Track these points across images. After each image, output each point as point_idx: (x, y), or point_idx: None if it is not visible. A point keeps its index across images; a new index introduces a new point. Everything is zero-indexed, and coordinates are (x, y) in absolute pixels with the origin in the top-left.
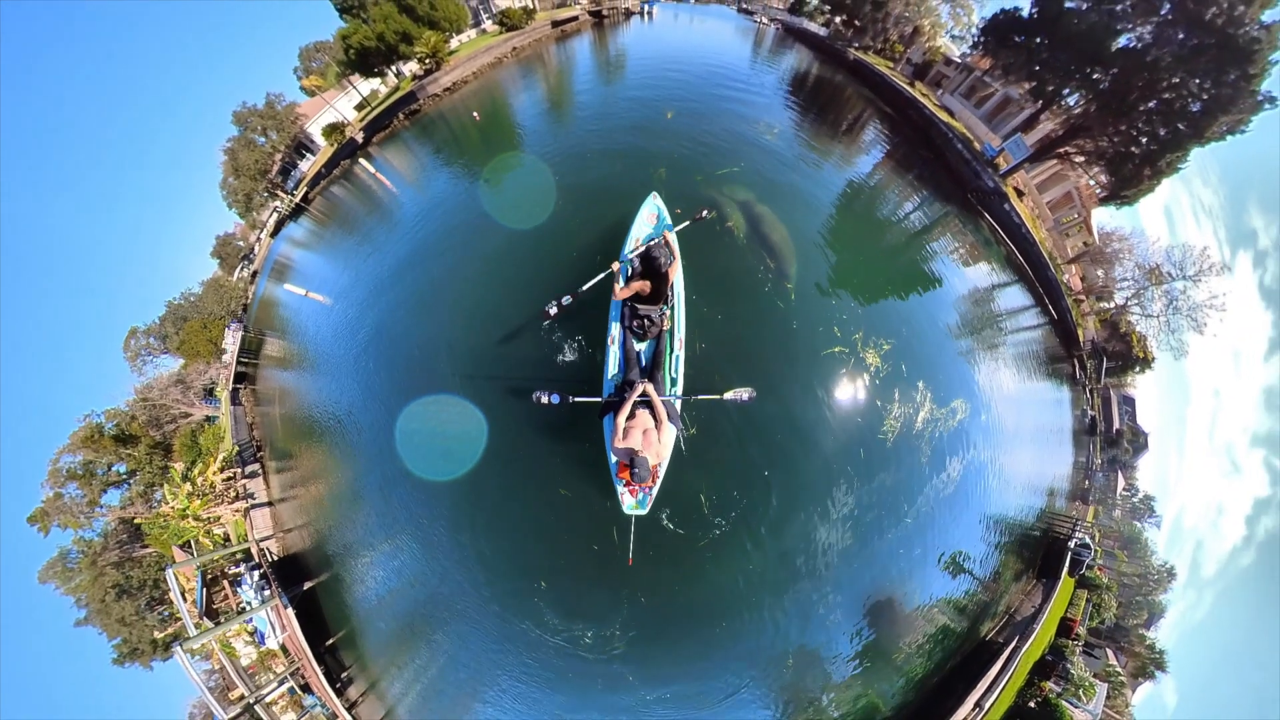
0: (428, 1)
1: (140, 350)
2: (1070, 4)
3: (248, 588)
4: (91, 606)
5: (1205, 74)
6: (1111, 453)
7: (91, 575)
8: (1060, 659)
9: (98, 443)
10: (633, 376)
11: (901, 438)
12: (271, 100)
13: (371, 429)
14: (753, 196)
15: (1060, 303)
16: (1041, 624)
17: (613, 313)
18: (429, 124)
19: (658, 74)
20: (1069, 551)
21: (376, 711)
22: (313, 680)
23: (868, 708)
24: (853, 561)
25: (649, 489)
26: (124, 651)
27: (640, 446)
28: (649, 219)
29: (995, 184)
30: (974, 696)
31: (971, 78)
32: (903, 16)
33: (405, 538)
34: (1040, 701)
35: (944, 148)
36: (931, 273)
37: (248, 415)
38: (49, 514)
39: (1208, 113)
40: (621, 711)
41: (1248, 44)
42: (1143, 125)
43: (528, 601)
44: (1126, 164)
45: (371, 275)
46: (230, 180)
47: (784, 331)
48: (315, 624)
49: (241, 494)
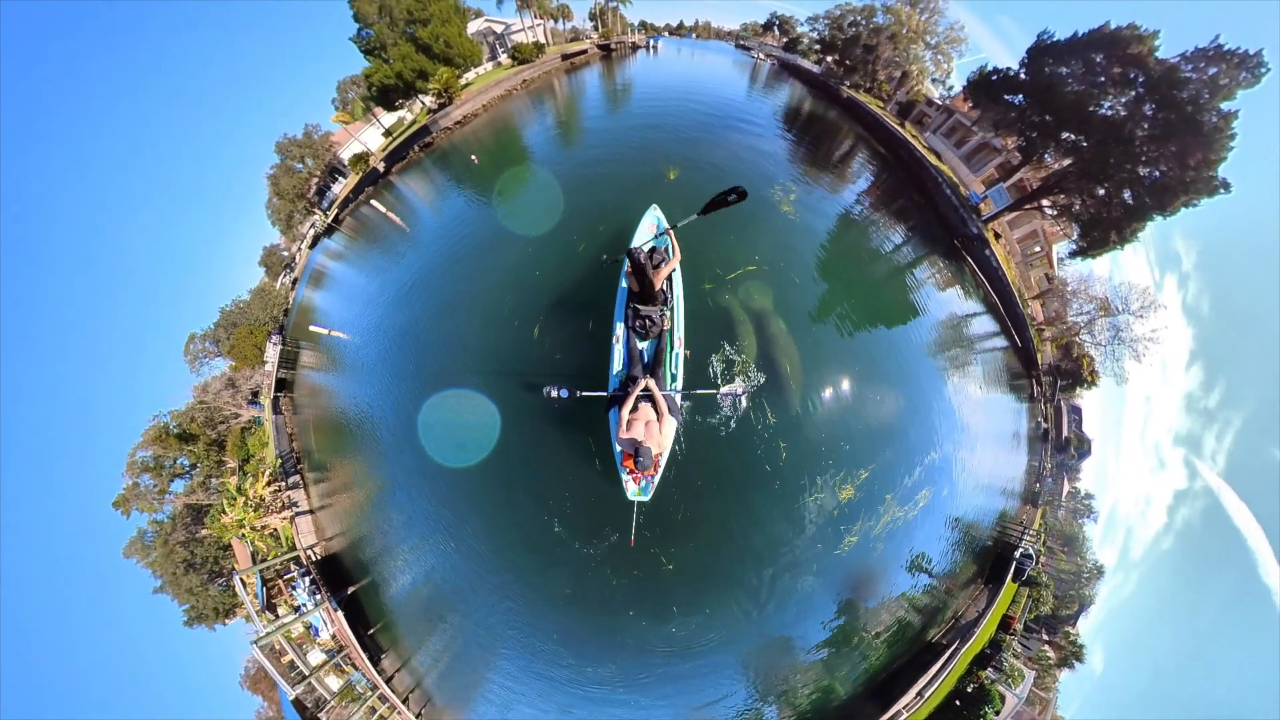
0: (442, 40)
1: (198, 354)
2: (1060, 69)
3: (301, 591)
4: (165, 578)
5: (1173, 154)
6: (1060, 458)
7: (164, 552)
8: (997, 651)
9: (165, 440)
10: (636, 373)
11: (880, 446)
12: (309, 131)
13: (395, 428)
14: (768, 303)
15: (1024, 332)
16: (984, 625)
17: (617, 314)
18: (442, 155)
19: (661, 107)
20: (1014, 561)
21: (407, 681)
22: (357, 660)
23: (828, 688)
24: (826, 556)
25: (651, 477)
26: (192, 616)
27: (643, 437)
28: (649, 228)
29: (979, 230)
30: (917, 686)
31: (952, 119)
32: (892, 61)
33: (429, 528)
34: (977, 686)
35: (934, 192)
36: (917, 307)
37: (287, 425)
38: (128, 500)
39: (1172, 190)
40: (629, 661)
41: (1210, 131)
42: (1115, 191)
43: (537, 580)
44: (1096, 228)
45: (395, 285)
46: (274, 200)
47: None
48: (353, 607)
49: (286, 504)
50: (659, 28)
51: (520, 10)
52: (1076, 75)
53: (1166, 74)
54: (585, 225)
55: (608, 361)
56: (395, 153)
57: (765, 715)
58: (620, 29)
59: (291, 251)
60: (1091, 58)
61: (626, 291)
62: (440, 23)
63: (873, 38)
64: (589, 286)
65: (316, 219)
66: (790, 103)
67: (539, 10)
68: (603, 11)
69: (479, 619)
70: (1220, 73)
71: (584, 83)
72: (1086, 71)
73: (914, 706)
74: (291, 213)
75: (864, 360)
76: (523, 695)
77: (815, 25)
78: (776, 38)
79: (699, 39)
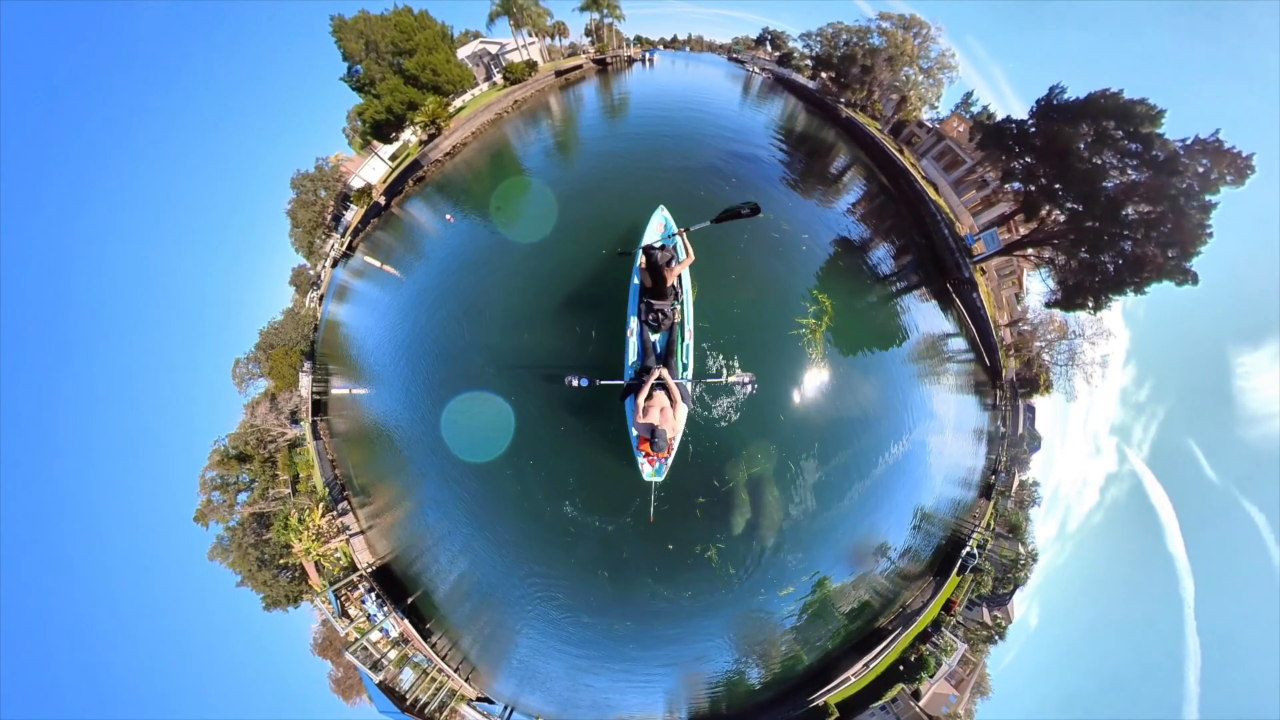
0: (429, 69)
1: (244, 376)
2: (1073, 131)
3: (370, 604)
4: (243, 574)
5: (1157, 238)
6: (1014, 452)
7: (239, 554)
8: (937, 629)
9: (226, 463)
10: (650, 363)
11: (863, 443)
12: (319, 164)
13: (425, 438)
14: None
15: (994, 354)
16: (928, 611)
17: (631, 308)
18: (437, 187)
19: (660, 116)
20: (960, 559)
21: (457, 658)
22: (420, 647)
23: (795, 655)
24: (807, 535)
25: (665, 459)
26: (268, 602)
27: (659, 422)
28: (657, 228)
29: (970, 274)
30: (865, 659)
31: (942, 144)
32: (892, 86)
33: (463, 524)
34: (917, 656)
35: (932, 230)
36: (903, 330)
37: (328, 451)
38: (205, 514)
39: (1149, 271)
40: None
41: (1194, 226)
42: (1099, 260)
43: (567, 555)
44: (1077, 293)
45: (412, 301)
46: (296, 230)
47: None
48: (404, 597)
49: (340, 529)
50: (654, 41)
51: (515, 30)
52: (1089, 142)
53: (1169, 160)
54: (591, 232)
55: (623, 353)
56: (393, 187)
57: (748, 671)
58: (616, 43)
59: (317, 270)
60: (1105, 126)
61: (639, 287)
62: (426, 51)
63: (869, 58)
64: (598, 286)
65: (335, 241)
66: (791, 119)
67: (535, 28)
68: (598, 27)
69: (507, 593)
70: (1211, 167)
71: (579, 98)
72: (1098, 139)
73: (861, 673)
74: (312, 240)
75: (849, 371)
76: (551, 650)
77: (808, 42)
78: (769, 52)
79: (693, 52)
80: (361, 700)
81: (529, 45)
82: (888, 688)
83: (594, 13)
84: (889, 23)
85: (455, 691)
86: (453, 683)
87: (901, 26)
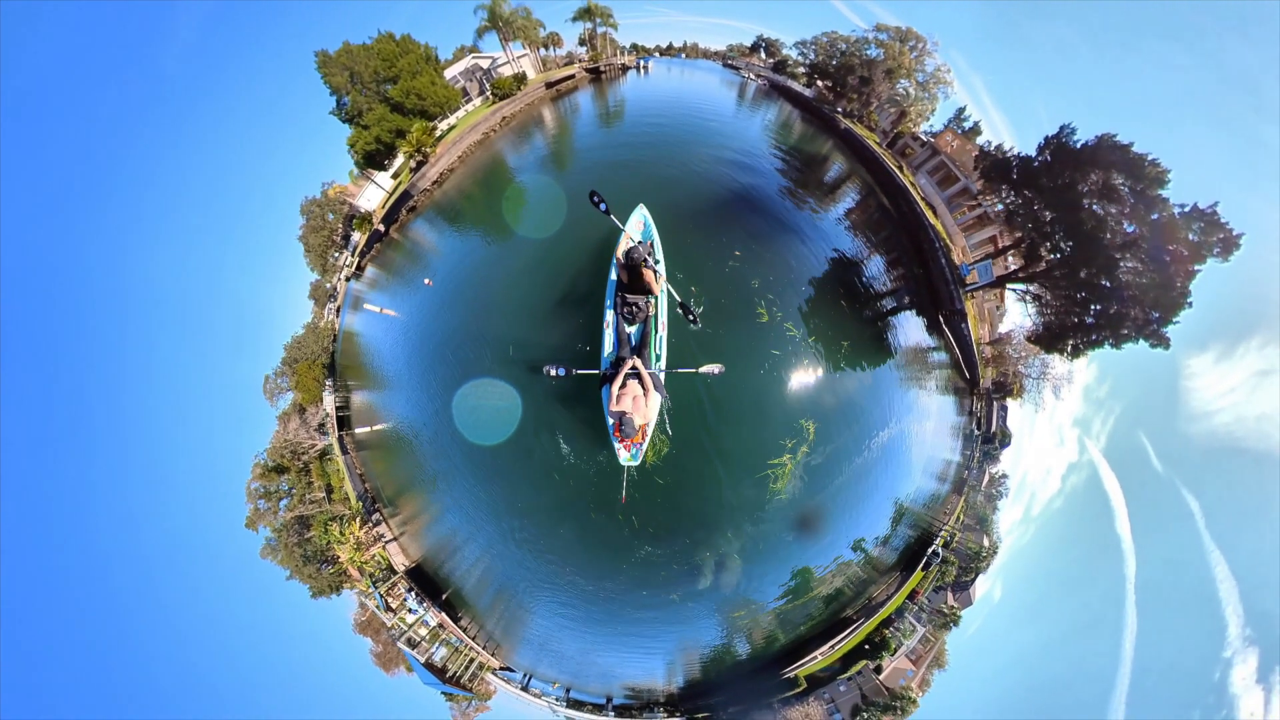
0: (414, 95)
1: (274, 390)
2: (1080, 179)
3: (411, 601)
4: (291, 569)
5: (1142, 300)
6: (986, 448)
7: (286, 552)
8: (900, 616)
9: (267, 475)
10: (624, 354)
11: (844, 442)
12: (325, 189)
13: (438, 443)
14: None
15: (974, 369)
16: (891, 603)
17: (608, 301)
18: (429, 216)
19: (654, 122)
20: (925, 556)
21: (484, 639)
22: (453, 630)
23: (772, 635)
24: (789, 530)
25: (639, 444)
26: (315, 593)
27: (631, 410)
28: (636, 225)
29: (961, 305)
30: (832, 641)
31: (936, 159)
32: (890, 99)
33: (476, 516)
34: (880, 639)
35: (930, 259)
36: (888, 347)
37: (356, 465)
38: (254, 520)
39: (1129, 330)
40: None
41: (1176, 294)
42: (1089, 309)
43: (555, 535)
44: (1059, 339)
45: (418, 310)
46: (309, 253)
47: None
48: (435, 589)
49: (376, 538)
50: (649, 49)
51: (505, 43)
52: (1095, 193)
53: (1167, 224)
54: (578, 241)
55: (599, 344)
56: (389, 215)
57: (732, 647)
58: (611, 52)
59: (333, 284)
60: (1111, 180)
61: (616, 282)
62: (409, 76)
63: (867, 69)
64: (579, 284)
65: (345, 258)
66: (787, 127)
67: (527, 40)
68: (593, 36)
69: (522, 579)
70: (1202, 237)
71: (574, 108)
72: (1104, 192)
73: (828, 653)
74: (325, 259)
75: (839, 378)
76: (563, 627)
77: (804, 50)
78: (763, 59)
79: (689, 59)
80: (400, 670)
81: (521, 58)
82: (852, 664)
83: (588, 22)
84: (885, 34)
85: (483, 664)
86: (481, 656)
87: (898, 39)
